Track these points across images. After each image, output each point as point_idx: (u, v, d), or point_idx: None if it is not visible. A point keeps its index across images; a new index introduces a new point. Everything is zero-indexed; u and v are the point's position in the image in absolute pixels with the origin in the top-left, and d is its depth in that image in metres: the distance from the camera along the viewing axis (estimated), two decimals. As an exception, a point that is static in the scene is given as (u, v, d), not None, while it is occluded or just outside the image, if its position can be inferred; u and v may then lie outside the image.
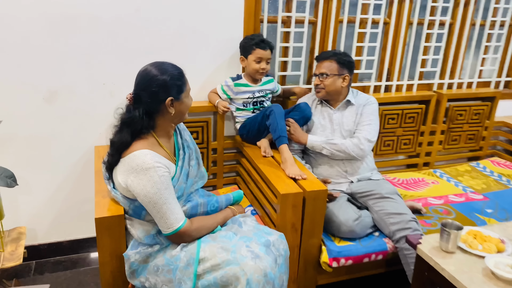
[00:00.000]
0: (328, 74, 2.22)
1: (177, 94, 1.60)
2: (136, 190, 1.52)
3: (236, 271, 1.49)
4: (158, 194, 1.51)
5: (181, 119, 1.69)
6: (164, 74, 1.56)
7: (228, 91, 2.29)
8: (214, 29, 2.31)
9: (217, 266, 1.53)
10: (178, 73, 1.61)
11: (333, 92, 2.26)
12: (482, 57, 2.99)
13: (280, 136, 2.07)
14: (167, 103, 1.57)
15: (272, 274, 1.54)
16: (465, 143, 3.05)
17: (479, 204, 2.43)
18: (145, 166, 1.50)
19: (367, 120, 2.27)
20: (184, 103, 1.64)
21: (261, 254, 1.56)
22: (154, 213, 1.54)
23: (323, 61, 2.25)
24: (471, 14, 2.81)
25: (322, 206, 1.91)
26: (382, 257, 2.03)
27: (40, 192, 2.27)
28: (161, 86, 1.56)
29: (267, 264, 1.54)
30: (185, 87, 1.63)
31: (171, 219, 1.54)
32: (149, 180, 1.50)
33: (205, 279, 1.53)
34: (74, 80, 2.15)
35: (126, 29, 2.16)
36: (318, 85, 2.26)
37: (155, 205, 1.51)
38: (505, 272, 1.42)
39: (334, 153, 2.20)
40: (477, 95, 2.96)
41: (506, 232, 1.75)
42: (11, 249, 1.88)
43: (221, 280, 1.50)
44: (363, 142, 2.20)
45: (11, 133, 2.12)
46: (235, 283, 1.49)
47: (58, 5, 2.02)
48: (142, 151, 1.53)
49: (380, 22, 2.63)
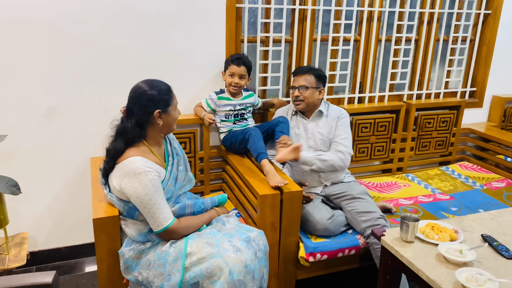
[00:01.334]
0: (308, 87, 2.42)
1: (164, 107, 1.80)
2: (129, 192, 1.71)
3: (219, 262, 1.68)
4: (149, 196, 1.70)
5: (169, 130, 1.90)
6: (153, 89, 1.77)
7: (211, 104, 2.51)
8: (199, 49, 2.53)
9: (203, 259, 1.70)
10: (166, 89, 1.82)
11: (311, 104, 2.46)
12: (448, 69, 3.25)
13: (259, 153, 2.24)
14: (155, 115, 1.78)
15: (252, 265, 1.73)
16: (435, 149, 3.28)
17: (445, 204, 2.65)
18: (137, 171, 1.70)
19: (343, 133, 2.44)
20: (171, 115, 1.85)
21: (242, 248, 1.75)
22: (145, 213, 1.73)
23: (302, 75, 2.44)
24: (435, 30, 3.08)
25: (298, 206, 2.10)
26: (355, 252, 2.22)
27: (40, 201, 2.45)
28: (150, 100, 1.76)
29: (247, 256, 1.73)
30: (172, 101, 1.83)
31: (160, 218, 1.73)
32: (140, 183, 1.69)
33: (192, 271, 1.71)
34: (71, 97, 2.35)
35: (118, 49, 2.36)
36: (298, 97, 2.43)
37: (146, 205, 1.70)
38: (454, 256, 1.62)
39: (322, 168, 2.34)
40: (443, 104, 3.21)
41: (462, 224, 1.95)
42: (15, 252, 2.05)
43: (206, 271, 1.68)
44: (347, 157, 2.38)
45: (15, 146, 2.30)
46: (218, 273, 1.67)
47: (55, 28, 2.22)
48: (134, 158, 1.73)
49: (351, 40, 2.87)
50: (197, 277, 1.69)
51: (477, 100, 3.41)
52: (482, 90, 3.39)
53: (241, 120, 2.54)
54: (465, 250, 1.65)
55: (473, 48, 3.28)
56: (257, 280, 1.76)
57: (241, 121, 2.54)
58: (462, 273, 1.51)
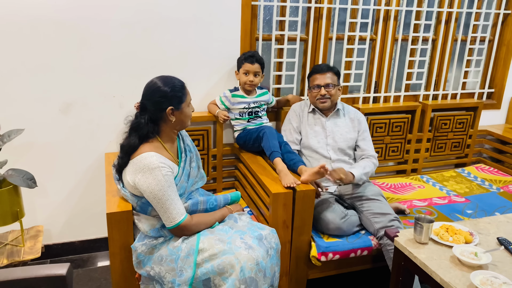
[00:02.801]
0: (334, 85, 2.43)
1: (177, 104, 1.80)
2: (142, 188, 1.73)
3: (231, 259, 1.68)
4: (162, 191, 1.71)
5: (182, 127, 1.90)
6: (166, 86, 1.78)
7: (226, 102, 2.51)
8: (214, 47, 2.54)
9: (214, 255, 1.71)
10: (180, 85, 1.82)
11: (334, 101, 2.47)
12: (465, 70, 3.20)
13: (272, 152, 2.24)
14: (168, 111, 1.78)
15: (263, 263, 1.72)
16: (451, 151, 3.24)
17: (460, 206, 2.61)
18: (151, 166, 1.71)
19: (368, 137, 2.52)
20: (184, 112, 1.85)
21: (253, 245, 1.75)
22: (158, 208, 1.74)
23: (324, 73, 2.43)
24: (453, 30, 3.03)
25: (311, 204, 2.09)
26: (368, 253, 2.20)
27: (55, 195, 2.48)
28: (163, 96, 1.77)
29: (259, 254, 1.72)
30: (185, 98, 1.83)
31: (173, 214, 1.73)
32: (154, 179, 1.70)
33: (203, 267, 1.71)
34: (87, 93, 2.38)
35: (134, 47, 2.39)
36: (324, 95, 2.43)
37: (159, 201, 1.71)
38: (469, 258, 1.60)
39: (364, 179, 2.37)
40: (460, 105, 3.16)
41: (477, 226, 1.92)
42: (30, 245, 2.08)
43: (217, 268, 1.68)
44: (376, 162, 2.46)
45: (31, 140, 2.34)
46: (230, 270, 1.67)
47: (73, 26, 2.26)
48: (148, 153, 1.74)
49: (367, 39, 2.85)
50: (209, 273, 1.70)
51: (495, 102, 3.35)
52: (500, 91, 3.33)
53: (255, 118, 2.54)
54: (480, 252, 1.62)
55: (492, 49, 3.22)
56: (268, 278, 1.75)
57: (255, 119, 2.54)
58: (477, 276, 1.49)
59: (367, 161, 2.43)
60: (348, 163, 2.48)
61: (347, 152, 2.49)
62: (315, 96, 2.46)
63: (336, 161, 2.45)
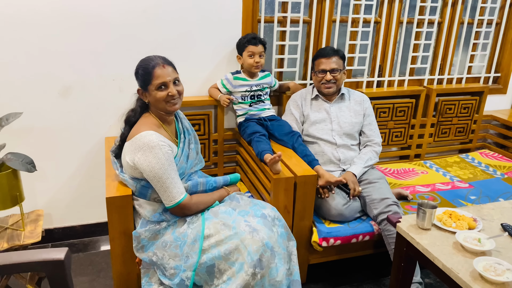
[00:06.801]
0: (340, 70, 2.39)
1: (144, 85, 1.80)
2: (142, 167, 1.71)
3: (237, 244, 1.68)
4: (163, 170, 1.69)
5: (160, 108, 1.82)
6: (138, 66, 1.81)
7: (227, 85, 2.47)
8: (215, 29, 2.49)
9: (221, 241, 1.70)
10: (149, 67, 1.77)
11: (339, 86, 2.44)
12: (471, 54, 3.14)
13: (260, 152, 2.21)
14: (138, 91, 1.82)
15: (270, 243, 1.71)
16: (455, 136, 3.20)
17: (463, 192, 2.58)
18: (151, 145, 1.69)
19: (373, 122, 2.51)
20: (152, 95, 1.79)
21: (258, 227, 1.74)
22: (158, 188, 1.72)
23: (330, 57, 2.38)
24: (459, 13, 2.97)
25: (312, 190, 2.08)
26: (369, 238, 2.19)
27: (55, 180, 2.47)
28: (135, 76, 1.82)
29: (264, 235, 1.71)
30: (151, 81, 1.77)
31: (173, 193, 1.72)
32: (154, 157, 1.69)
33: (210, 252, 1.70)
34: (86, 76, 2.35)
35: (134, 29, 2.34)
36: (330, 80, 2.39)
37: (159, 179, 1.70)
38: (472, 244, 1.58)
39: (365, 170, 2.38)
40: (465, 90, 3.11)
41: (480, 212, 1.90)
42: (30, 229, 2.07)
43: (224, 253, 1.68)
44: (380, 148, 2.48)
45: (30, 124, 2.32)
46: (236, 254, 1.68)
47: (74, 8, 2.21)
48: (148, 132, 1.72)
49: (372, 22, 2.79)
50: (215, 259, 1.70)
51: (501, 86, 3.30)
52: (506, 76, 3.27)
53: (258, 102, 2.50)
54: (484, 239, 1.60)
55: (499, 32, 3.15)
56: (280, 254, 1.74)
57: (258, 103, 2.50)
58: (480, 262, 1.47)
59: (370, 152, 2.43)
60: (352, 149, 2.46)
61: (353, 135, 2.48)
62: (319, 80, 2.42)
63: (341, 146, 2.44)
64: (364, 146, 2.49)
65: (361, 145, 2.51)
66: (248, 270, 1.64)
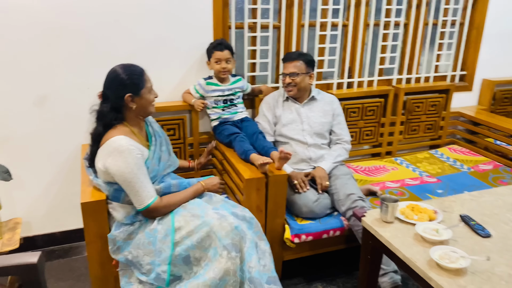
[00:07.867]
0: (298, 73, 2.46)
1: (136, 90, 1.84)
2: (113, 171, 1.76)
3: (207, 231, 1.75)
4: (132, 173, 1.75)
5: (146, 113, 1.93)
6: (124, 73, 1.82)
7: (200, 90, 2.54)
8: (186, 36, 2.55)
9: (192, 231, 1.77)
10: (138, 72, 1.85)
11: (302, 89, 2.51)
12: (437, 53, 3.26)
13: (245, 151, 2.28)
14: (127, 98, 1.83)
15: (239, 226, 1.79)
16: (424, 133, 3.31)
17: (431, 186, 2.69)
18: (120, 149, 1.75)
19: (342, 121, 2.62)
20: (145, 98, 1.87)
21: (226, 214, 1.81)
22: (128, 191, 1.78)
23: (291, 62, 2.47)
24: (424, 14, 3.08)
25: (283, 189, 2.15)
26: (340, 233, 2.27)
27: (33, 188, 2.50)
28: (121, 84, 1.82)
29: (233, 220, 1.79)
30: (144, 84, 1.86)
31: (142, 196, 1.78)
32: (124, 161, 1.74)
33: (183, 244, 1.77)
34: (62, 85, 2.39)
35: (106, 38, 2.39)
36: (289, 83, 2.48)
37: (129, 183, 1.76)
38: (430, 235, 1.67)
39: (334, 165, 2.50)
40: (433, 88, 3.22)
41: (442, 205, 1.99)
42: (8, 237, 2.11)
43: (197, 242, 1.75)
44: (349, 146, 2.60)
45: (5, 133, 2.35)
46: (209, 241, 1.75)
47: (46, 17, 2.25)
48: (118, 137, 1.78)
49: (339, 25, 2.89)
50: (189, 249, 1.76)
51: (466, 84, 3.43)
52: (471, 73, 3.41)
53: (231, 107, 2.57)
54: (442, 229, 1.69)
55: (463, 32, 3.28)
56: (251, 240, 1.82)
57: (230, 107, 2.57)
58: (436, 251, 1.56)
59: (339, 149, 2.54)
60: (323, 148, 2.55)
61: (323, 135, 2.56)
62: (283, 84, 2.52)
63: (312, 146, 2.52)
64: (335, 144, 2.58)
65: (331, 143, 2.60)
66: (223, 253, 1.71)
